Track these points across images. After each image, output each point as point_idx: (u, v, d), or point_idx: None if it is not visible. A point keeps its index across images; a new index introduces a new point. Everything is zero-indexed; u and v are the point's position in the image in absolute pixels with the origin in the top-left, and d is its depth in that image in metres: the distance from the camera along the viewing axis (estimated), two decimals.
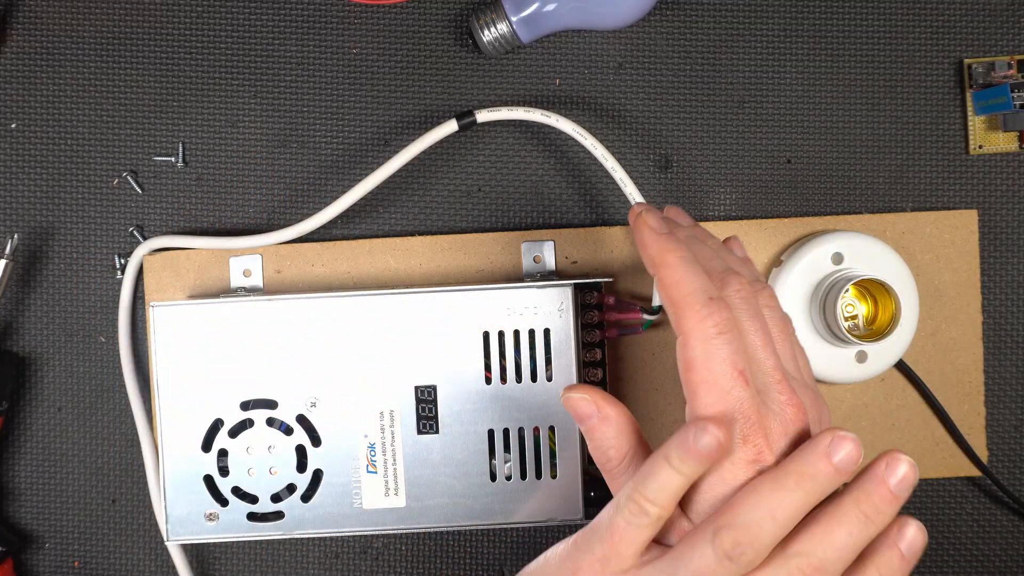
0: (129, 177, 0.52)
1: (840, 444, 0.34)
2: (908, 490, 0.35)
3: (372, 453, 0.46)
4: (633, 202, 0.48)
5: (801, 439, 0.36)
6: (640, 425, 0.39)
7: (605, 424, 0.38)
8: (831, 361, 0.50)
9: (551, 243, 0.51)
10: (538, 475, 0.46)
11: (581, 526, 0.37)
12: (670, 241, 0.38)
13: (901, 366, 0.51)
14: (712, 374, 0.35)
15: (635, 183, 0.48)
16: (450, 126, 0.49)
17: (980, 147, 0.52)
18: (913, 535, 0.35)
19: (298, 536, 0.47)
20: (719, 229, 0.51)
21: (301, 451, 0.46)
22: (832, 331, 0.48)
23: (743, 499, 0.34)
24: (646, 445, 0.38)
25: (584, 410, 0.38)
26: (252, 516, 0.47)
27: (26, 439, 0.52)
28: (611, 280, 0.50)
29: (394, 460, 0.46)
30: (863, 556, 0.35)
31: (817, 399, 0.38)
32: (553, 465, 0.46)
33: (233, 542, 0.52)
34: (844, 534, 0.34)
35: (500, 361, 0.46)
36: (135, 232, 0.52)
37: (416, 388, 0.46)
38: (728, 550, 0.33)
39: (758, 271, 0.40)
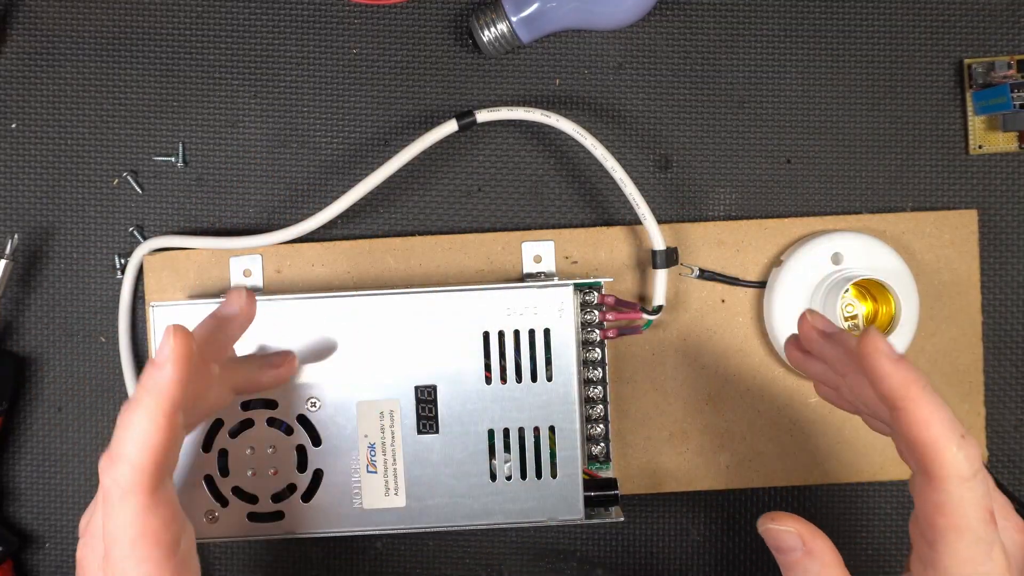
0: (129, 177, 0.52)
1: None
2: (168, 356, 0.35)
3: (372, 453, 0.46)
4: (634, 203, 0.48)
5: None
6: (637, 424, 0.38)
7: (809, 559, 0.36)
8: None
9: (551, 243, 0.51)
10: (538, 475, 0.46)
11: (581, 526, 0.37)
12: (912, 371, 0.34)
13: None
14: (966, 519, 0.33)
15: (635, 183, 0.48)
16: (450, 126, 0.49)
17: (980, 147, 0.52)
18: (166, 333, 0.35)
19: (298, 536, 0.47)
20: (719, 229, 0.51)
21: (301, 451, 0.46)
22: None
23: None
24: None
25: (788, 543, 0.37)
26: (252, 516, 0.47)
27: (26, 439, 0.52)
28: (611, 280, 0.50)
29: (394, 460, 0.46)
30: None
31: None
32: (553, 465, 0.46)
33: (233, 542, 0.52)
34: (127, 413, 0.35)
35: (500, 361, 0.46)
36: (135, 232, 0.52)
37: (416, 388, 0.46)
38: None
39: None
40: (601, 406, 0.49)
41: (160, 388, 0.35)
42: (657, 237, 0.49)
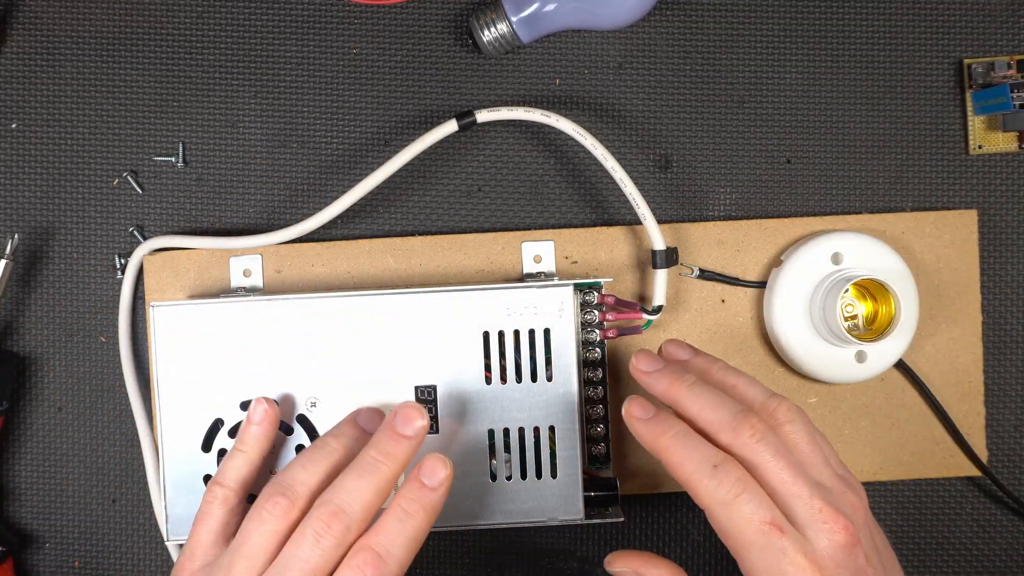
0: (129, 177, 0.52)
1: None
2: (416, 430, 0.41)
3: None
4: (634, 203, 0.48)
5: (849, 546, 0.37)
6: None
7: None
8: (831, 361, 0.50)
9: (551, 243, 0.51)
10: (538, 475, 0.46)
11: (581, 526, 0.38)
12: (658, 425, 0.40)
13: (901, 366, 0.51)
14: (744, 536, 0.37)
15: (635, 183, 0.48)
16: (450, 126, 0.49)
17: (980, 147, 0.52)
18: (431, 465, 0.40)
19: None
20: (719, 229, 0.51)
21: (301, 451, 0.46)
22: (832, 331, 0.48)
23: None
24: None
25: None
26: None
27: (26, 439, 0.52)
28: (611, 280, 0.50)
29: None
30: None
31: (850, 488, 0.39)
32: (553, 465, 0.46)
33: None
34: (354, 477, 0.39)
35: (500, 361, 0.46)
36: (135, 232, 0.52)
37: (416, 388, 0.46)
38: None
39: (762, 385, 0.42)
40: (601, 406, 0.49)
41: (433, 507, 0.40)
42: (657, 237, 0.49)
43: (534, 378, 0.46)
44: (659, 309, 0.49)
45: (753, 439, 0.38)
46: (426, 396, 0.46)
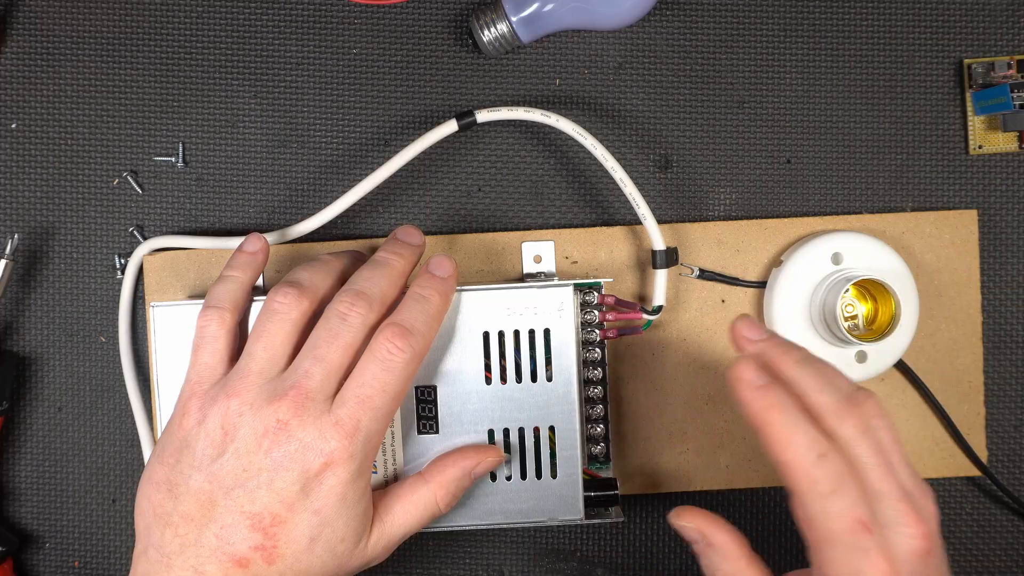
0: (129, 177, 0.52)
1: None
2: (417, 241, 0.45)
3: None
4: (634, 203, 0.48)
5: (925, 553, 0.36)
6: (637, 424, 0.39)
7: (711, 550, 0.40)
8: (831, 361, 0.49)
9: (551, 243, 0.51)
10: (538, 475, 0.46)
11: (581, 526, 0.38)
12: (769, 396, 0.38)
13: (901, 366, 0.51)
14: (831, 531, 0.36)
15: (635, 183, 0.48)
16: (450, 126, 0.49)
17: (980, 147, 0.52)
18: (438, 259, 0.44)
19: None
20: (719, 229, 0.51)
21: None
22: (832, 331, 0.48)
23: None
24: (758, 562, 0.40)
25: (690, 536, 0.41)
26: None
27: (26, 439, 0.52)
28: (611, 280, 0.50)
29: (394, 460, 0.46)
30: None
31: (927, 496, 0.38)
32: (553, 465, 0.46)
33: None
34: (368, 270, 0.43)
35: (500, 361, 0.46)
36: (135, 232, 0.52)
37: (416, 388, 0.46)
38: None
39: (846, 377, 0.40)
40: (601, 406, 0.49)
41: (445, 292, 0.43)
42: (657, 237, 0.49)
43: (534, 378, 0.46)
44: (659, 309, 0.49)
45: (856, 429, 0.37)
46: (426, 396, 0.46)
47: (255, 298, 0.45)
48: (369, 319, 0.41)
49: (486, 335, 0.46)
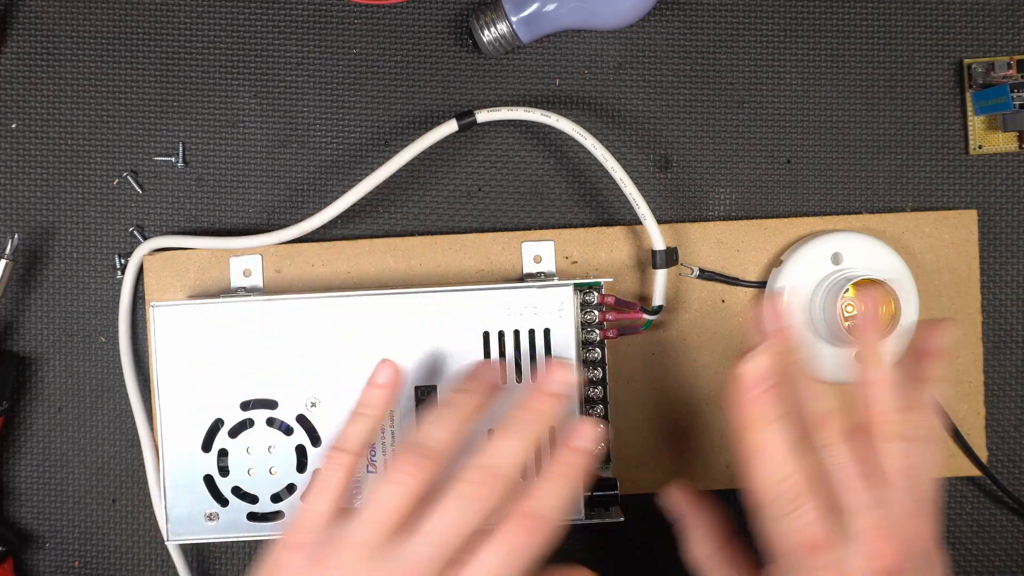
0: (129, 177, 0.52)
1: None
2: (562, 386, 0.39)
3: (372, 453, 0.46)
4: (634, 203, 0.48)
5: (891, 574, 0.36)
6: (637, 424, 0.39)
7: (689, 530, 0.43)
8: (831, 361, 0.50)
9: (551, 243, 0.51)
10: (538, 475, 0.46)
11: (581, 526, 0.38)
12: (759, 408, 0.38)
13: None
14: (786, 550, 0.37)
15: (635, 183, 0.48)
16: (450, 126, 0.49)
17: (980, 147, 0.52)
18: (582, 429, 0.39)
19: None
20: (719, 229, 0.51)
21: (301, 451, 0.46)
22: (832, 331, 0.48)
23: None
24: (733, 547, 0.41)
25: (673, 515, 0.43)
26: (252, 516, 0.47)
27: (26, 439, 0.52)
28: (611, 280, 0.50)
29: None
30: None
31: (923, 513, 0.38)
32: None
33: (233, 542, 0.52)
34: (506, 439, 0.38)
35: (500, 361, 0.46)
36: (135, 232, 0.52)
37: (416, 388, 0.46)
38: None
39: (902, 391, 0.39)
40: (601, 406, 0.49)
41: (588, 463, 0.39)
42: (657, 237, 0.49)
43: (534, 378, 0.46)
44: (659, 309, 0.49)
45: (831, 440, 0.37)
46: (426, 396, 0.46)
47: (260, 299, 0.45)
48: (489, 498, 0.37)
49: (486, 335, 0.46)
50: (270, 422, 0.46)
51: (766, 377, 0.38)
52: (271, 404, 0.46)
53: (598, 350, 0.48)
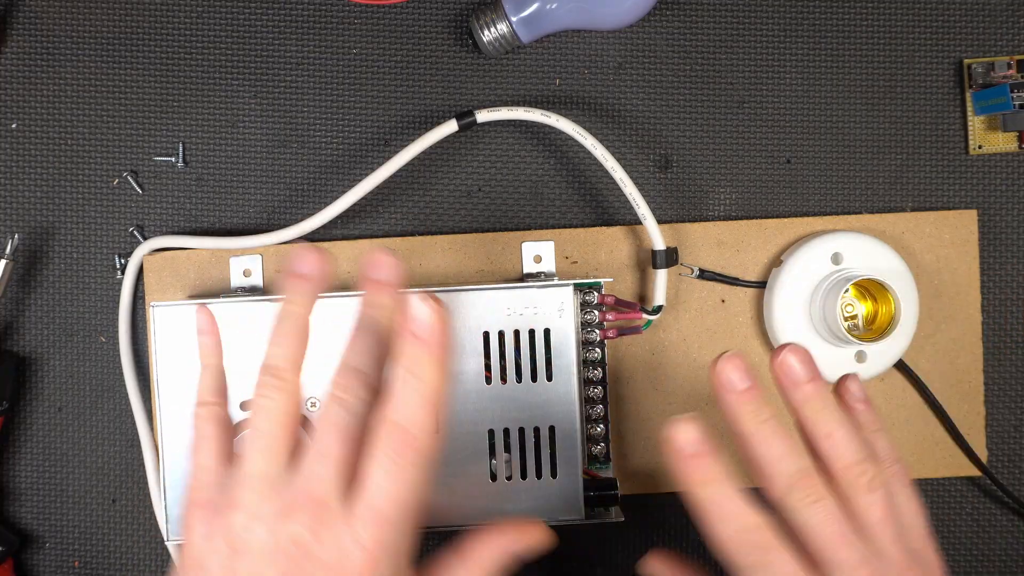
0: (129, 177, 0.52)
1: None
2: (388, 273, 0.38)
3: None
4: (634, 203, 0.48)
5: None
6: (637, 424, 0.39)
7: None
8: (831, 361, 0.50)
9: (551, 243, 0.51)
10: (538, 475, 0.46)
11: (581, 526, 0.38)
12: (710, 471, 0.37)
13: (901, 366, 0.51)
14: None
15: (635, 183, 0.48)
16: (450, 126, 0.49)
17: (980, 147, 0.52)
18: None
19: None
20: (719, 229, 0.51)
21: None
22: (832, 331, 0.48)
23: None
24: None
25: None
26: None
27: (26, 439, 0.52)
28: (611, 280, 0.50)
29: None
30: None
31: (918, 564, 0.37)
32: (553, 465, 0.46)
33: None
34: (355, 339, 0.37)
35: (500, 361, 0.46)
36: (135, 232, 0.52)
37: None
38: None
39: (862, 442, 0.38)
40: (601, 406, 0.49)
41: (443, 337, 0.36)
42: (657, 237, 0.49)
43: (534, 378, 0.46)
44: (659, 309, 0.49)
45: (804, 502, 0.36)
46: None
47: (260, 299, 0.45)
48: (367, 397, 0.37)
49: (486, 335, 0.46)
50: None
51: (696, 441, 0.37)
52: None
53: (598, 350, 0.48)
